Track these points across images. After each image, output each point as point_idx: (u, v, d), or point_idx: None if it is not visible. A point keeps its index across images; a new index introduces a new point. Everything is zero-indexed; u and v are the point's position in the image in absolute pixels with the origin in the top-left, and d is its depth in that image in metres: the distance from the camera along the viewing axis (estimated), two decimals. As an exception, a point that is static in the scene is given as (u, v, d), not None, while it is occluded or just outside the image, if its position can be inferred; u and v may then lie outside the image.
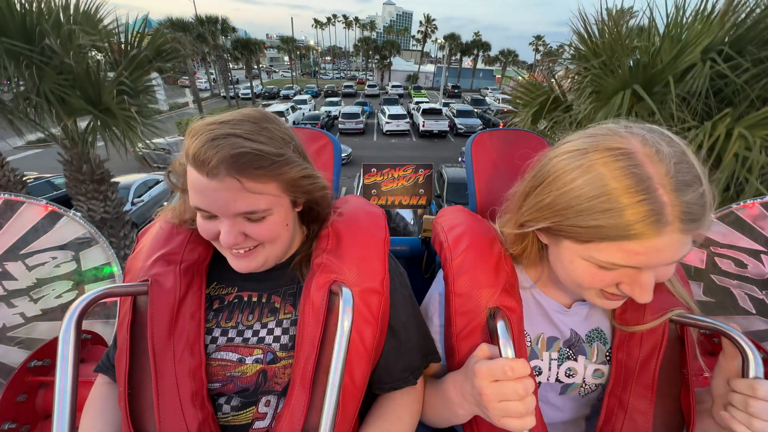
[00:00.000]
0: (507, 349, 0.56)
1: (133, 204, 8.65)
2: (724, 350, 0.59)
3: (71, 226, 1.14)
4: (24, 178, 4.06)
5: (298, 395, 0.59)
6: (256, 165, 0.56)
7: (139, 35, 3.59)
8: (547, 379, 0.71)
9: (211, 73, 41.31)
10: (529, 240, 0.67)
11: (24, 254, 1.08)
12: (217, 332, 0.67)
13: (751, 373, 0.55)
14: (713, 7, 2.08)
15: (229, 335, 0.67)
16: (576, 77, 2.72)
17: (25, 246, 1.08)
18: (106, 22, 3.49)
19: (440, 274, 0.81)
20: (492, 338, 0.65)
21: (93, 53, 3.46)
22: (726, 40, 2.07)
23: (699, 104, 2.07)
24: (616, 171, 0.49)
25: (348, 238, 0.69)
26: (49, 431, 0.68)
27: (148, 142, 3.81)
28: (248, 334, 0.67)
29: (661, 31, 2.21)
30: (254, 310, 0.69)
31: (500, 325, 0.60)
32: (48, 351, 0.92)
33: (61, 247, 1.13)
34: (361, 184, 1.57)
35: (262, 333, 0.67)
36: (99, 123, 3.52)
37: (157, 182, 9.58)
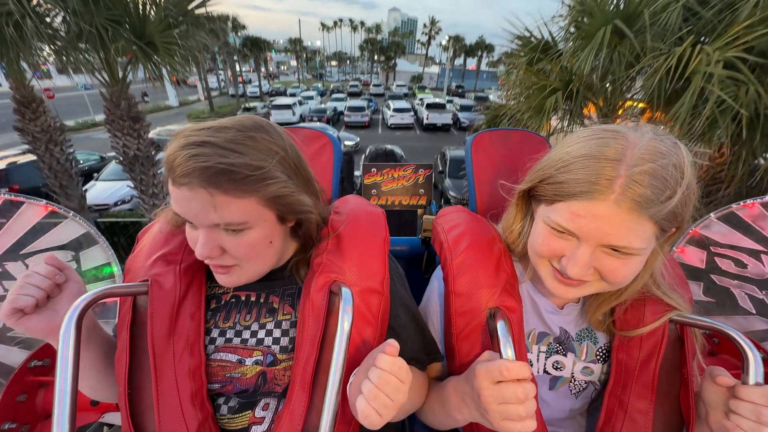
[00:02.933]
0: (507, 349, 0.56)
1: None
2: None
3: (71, 226, 1.14)
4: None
5: (298, 396, 0.59)
6: (226, 179, 0.52)
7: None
8: (537, 372, 0.72)
9: (220, 73, 41.43)
10: (526, 220, 0.71)
11: (24, 254, 1.08)
12: (215, 333, 0.67)
13: (751, 374, 0.55)
14: None
15: (227, 336, 0.67)
16: (564, 24, 3.18)
17: (25, 246, 1.08)
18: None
19: (437, 273, 0.81)
20: (492, 338, 0.65)
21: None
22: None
23: (674, 38, 2.42)
24: (603, 140, 0.55)
25: (348, 238, 0.69)
26: (49, 431, 0.68)
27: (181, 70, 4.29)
28: (246, 335, 0.67)
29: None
30: (251, 310, 0.69)
31: (500, 326, 0.60)
32: (48, 351, 0.92)
33: (61, 247, 1.13)
34: (361, 181, 1.58)
35: (261, 334, 0.67)
36: (142, 54, 4.02)
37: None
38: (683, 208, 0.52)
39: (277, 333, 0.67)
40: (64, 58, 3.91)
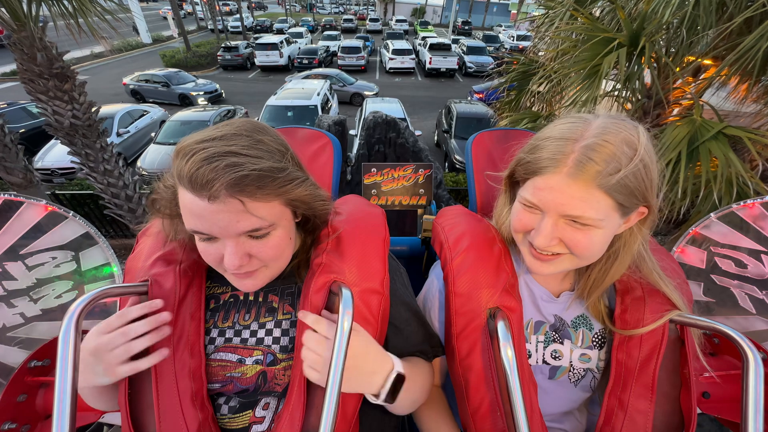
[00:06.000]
0: (507, 349, 0.56)
1: (118, 135, 7.75)
2: None
3: (71, 226, 1.14)
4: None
5: (298, 396, 0.59)
6: (258, 185, 0.53)
7: None
8: (536, 362, 0.73)
9: (197, 3, 34.80)
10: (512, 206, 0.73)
11: (24, 254, 1.08)
12: (214, 333, 0.67)
13: (752, 374, 0.55)
14: None
15: (227, 336, 0.67)
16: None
17: (25, 246, 1.08)
18: None
19: (435, 270, 0.81)
20: (492, 338, 0.65)
21: None
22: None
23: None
24: (568, 125, 0.60)
25: (348, 238, 0.69)
26: (49, 431, 0.68)
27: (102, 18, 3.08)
28: (246, 334, 0.67)
29: None
30: (251, 309, 0.69)
31: (500, 326, 0.60)
32: (48, 351, 0.91)
33: (61, 247, 1.13)
34: (361, 181, 1.58)
35: (261, 334, 0.67)
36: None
37: (144, 113, 8.66)
38: (639, 184, 0.55)
39: (276, 332, 0.67)
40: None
